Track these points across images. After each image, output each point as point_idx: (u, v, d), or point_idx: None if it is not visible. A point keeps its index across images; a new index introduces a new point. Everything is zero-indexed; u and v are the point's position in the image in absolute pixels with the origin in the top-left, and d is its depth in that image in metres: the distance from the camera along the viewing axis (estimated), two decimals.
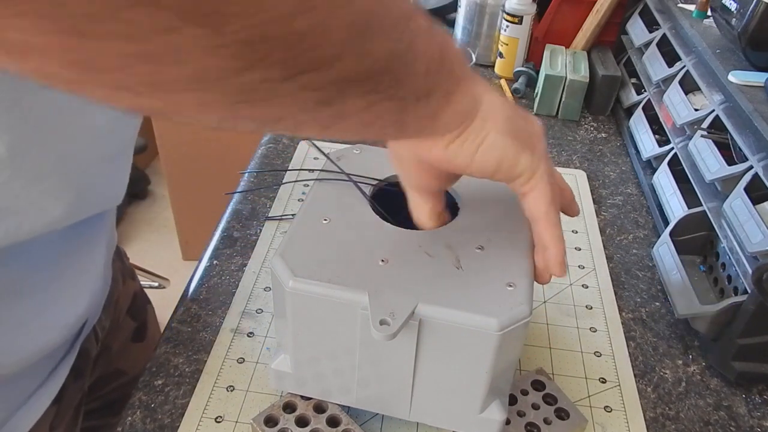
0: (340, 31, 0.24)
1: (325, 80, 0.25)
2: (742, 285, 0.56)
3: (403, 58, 0.29)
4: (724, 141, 0.65)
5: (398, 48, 0.29)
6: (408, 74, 0.31)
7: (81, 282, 0.52)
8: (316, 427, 0.47)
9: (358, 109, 0.29)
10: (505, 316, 0.40)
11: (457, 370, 0.42)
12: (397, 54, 0.29)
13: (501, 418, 0.45)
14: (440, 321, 0.40)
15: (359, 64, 0.26)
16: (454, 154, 0.39)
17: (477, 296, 0.41)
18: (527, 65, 1.03)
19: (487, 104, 0.39)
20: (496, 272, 0.43)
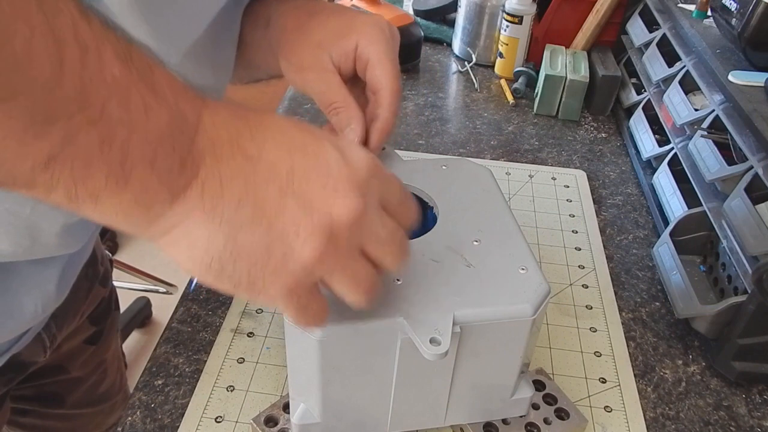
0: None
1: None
2: (742, 285, 0.56)
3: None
4: (724, 141, 0.65)
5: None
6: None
7: (25, 297, 0.49)
8: None
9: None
10: (534, 298, 0.41)
11: (492, 364, 0.43)
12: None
13: (530, 393, 0.47)
14: (478, 322, 0.40)
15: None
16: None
17: (501, 288, 0.41)
18: (527, 65, 1.03)
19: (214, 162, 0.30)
20: (504, 260, 0.43)
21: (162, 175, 0.28)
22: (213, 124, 0.30)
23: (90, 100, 0.25)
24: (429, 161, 0.54)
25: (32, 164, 0.25)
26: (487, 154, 0.87)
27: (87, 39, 0.25)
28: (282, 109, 0.94)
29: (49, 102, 0.24)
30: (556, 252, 0.69)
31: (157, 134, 0.27)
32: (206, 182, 0.29)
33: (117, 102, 0.26)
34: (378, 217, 0.33)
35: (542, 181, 0.80)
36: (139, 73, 0.27)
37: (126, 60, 0.26)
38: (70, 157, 0.25)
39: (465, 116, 0.96)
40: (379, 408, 0.45)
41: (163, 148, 0.28)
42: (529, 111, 0.98)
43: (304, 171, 0.31)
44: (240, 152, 0.30)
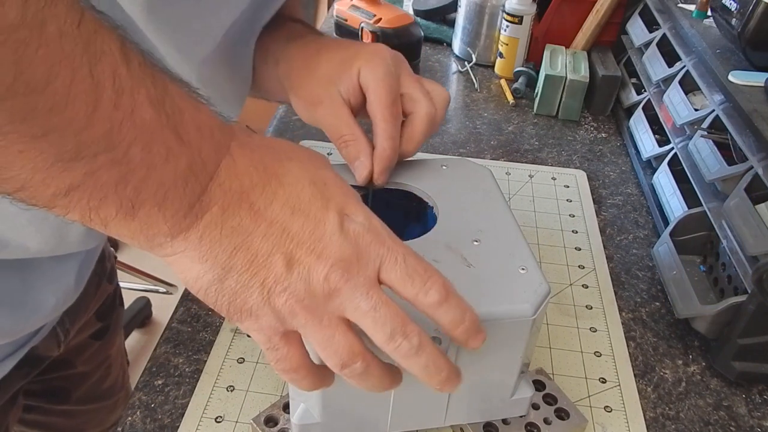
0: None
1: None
2: (742, 285, 0.56)
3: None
4: (724, 141, 0.65)
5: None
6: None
7: (47, 291, 0.51)
8: None
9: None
10: (534, 298, 0.41)
11: (492, 364, 0.43)
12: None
13: (530, 393, 0.47)
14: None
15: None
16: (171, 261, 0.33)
17: (501, 288, 0.41)
18: (527, 65, 1.03)
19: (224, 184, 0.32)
20: (503, 259, 0.43)
21: (167, 215, 0.30)
22: (229, 174, 0.32)
23: (116, 142, 0.27)
24: (429, 161, 0.54)
25: (54, 192, 0.27)
26: (487, 154, 0.87)
27: (124, 83, 0.27)
28: (282, 112, 0.94)
29: (78, 141, 0.26)
30: (556, 252, 0.69)
31: (172, 178, 0.30)
32: (207, 229, 0.32)
33: (141, 145, 0.28)
34: (363, 290, 0.33)
35: (542, 181, 0.80)
36: (168, 118, 0.29)
37: (158, 104, 0.28)
38: (88, 189, 0.28)
39: (465, 116, 0.96)
40: (379, 408, 0.45)
41: (174, 192, 0.30)
42: (529, 111, 0.98)
43: (299, 232, 0.33)
44: (247, 204, 0.33)
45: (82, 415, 0.76)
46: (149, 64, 0.29)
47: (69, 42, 0.25)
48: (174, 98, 0.30)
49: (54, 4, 0.24)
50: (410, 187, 0.50)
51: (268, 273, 0.33)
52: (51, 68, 0.24)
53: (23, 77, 0.24)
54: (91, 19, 0.26)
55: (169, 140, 0.29)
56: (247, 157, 0.33)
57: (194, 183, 0.31)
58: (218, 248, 0.32)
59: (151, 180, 0.29)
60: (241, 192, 0.32)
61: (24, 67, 0.24)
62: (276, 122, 0.91)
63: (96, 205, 0.28)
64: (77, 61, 0.25)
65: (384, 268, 0.34)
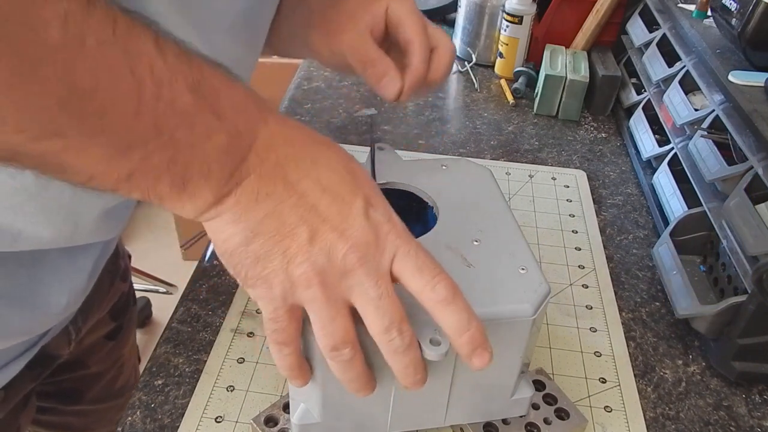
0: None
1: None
2: (742, 285, 0.56)
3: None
4: (724, 141, 0.65)
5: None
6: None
7: (60, 288, 0.51)
8: None
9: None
10: (534, 298, 0.41)
11: (492, 364, 0.43)
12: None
13: (530, 393, 0.47)
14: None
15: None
16: (210, 229, 0.36)
17: (501, 288, 0.41)
18: (527, 65, 1.03)
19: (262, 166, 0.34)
20: (504, 260, 0.43)
21: (212, 184, 0.33)
22: (266, 146, 0.34)
23: (162, 129, 0.30)
24: (429, 161, 0.54)
25: (117, 178, 0.31)
26: (487, 154, 0.87)
27: (162, 75, 0.30)
28: (282, 109, 0.94)
29: (129, 134, 0.29)
30: (556, 252, 0.69)
31: (216, 153, 0.32)
32: (244, 193, 0.34)
33: (185, 129, 0.31)
34: (374, 277, 0.35)
35: (542, 181, 0.80)
36: (206, 100, 0.32)
37: (195, 89, 0.31)
38: (145, 172, 0.31)
39: (465, 116, 0.96)
40: (379, 408, 0.44)
41: (218, 164, 0.33)
42: (529, 111, 0.98)
43: (326, 210, 0.35)
44: (281, 176, 0.35)
45: (95, 414, 0.77)
46: (184, 52, 0.31)
47: (108, 49, 0.28)
48: (210, 80, 0.32)
49: (90, 18, 0.27)
50: (410, 187, 0.50)
51: (291, 242, 0.34)
52: (96, 76, 0.27)
53: (75, 88, 0.27)
54: (125, 23, 0.28)
55: (208, 120, 0.32)
56: (283, 133, 0.36)
57: (234, 153, 0.33)
58: (251, 212, 0.34)
59: (196, 157, 0.32)
60: (276, 163, 0.34)
61: (72, 80, 0.27)
62: None
63: (153, 184, 0.32)
64: (118, 64, 0.28)
65: (397, 259, 0.36)
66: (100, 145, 0.29)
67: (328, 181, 0.36)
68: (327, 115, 0.93)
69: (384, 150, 0.54)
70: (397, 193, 0.51)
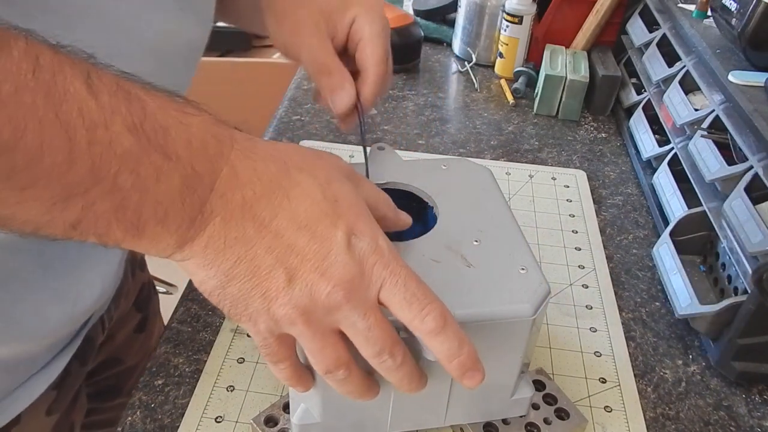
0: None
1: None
2: (742, 285, 0.56)
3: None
4: (724, 141, 0.65)
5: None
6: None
7: (96, 275, 0.52)
8: None
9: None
10: (534, 298, 0.41)
11: (492, 364, 0.43)
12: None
13: (530, 393, 0.47)
14: (478, 322, 0.40)
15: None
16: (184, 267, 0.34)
17: (501, 288, 0.41)
18: (527, 65, 1.03)
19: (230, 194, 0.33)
20: (504, 260, 0.43)
21: (171, 229, 0.31)
22: (230, 185, 0.32)
23: (101, 174, 0.28)
24: (429, 161, 0.54)
25: (63, 227, 0.29)
26: (487, 154, 0.87)
27: (95, 117, 0.27)
28: (282, 109, 0.94)
29: (65, 183, 0.27)
30: (556, 252, 0.69)
31: (169, 197, 0.30)
32: (211, 239, 0.32)
33: (128, 172, 0.29)
34: (362, 310, 0.34)
35: (542, 181, 0.80)
36: (150, 141, 0.29)
37: (136, 129, 0.29)
38: (92, 220, 0.29)
39: (465, 116, 0.96)
40: (379, 408, 0.44)
41: (173, 208, 0.31)
42: (529, 111, 0.98)
43: (304, 249, 0.33)
44: (251, 216, 0.33)
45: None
46: (122, 89, 0.29)
47: (28, 94, 0.25)
48: (155, 118, 0.30)
49: (3, 61, 0.25)
50: (410, 187, 0.50)
51: (269, 284, 0.33)
52: (17, 125, 0.25)
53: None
54: (48, 62, 0.26)
55: (155, 161, 0.29)
56: (249, 167, 0.33)
57: (192, 197, 0.31)
58: (221, 257, 0.33)
59: (147, 201, 0.30)
60: (243, 203, 0.33)
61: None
62: (276, 122, 0.91)
63: (105, 231, 0.30)
64: (41, 110, 0.26)
65: (384, 290, 0.35)
66: (35, 198, 0.27)
67: (305, 216, 0.34)
68: (327, 115, 0.93)
69: (384, 150, 0.53)
70: (397, 193, 0.51)
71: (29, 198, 0.27)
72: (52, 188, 0.27)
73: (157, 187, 0.30)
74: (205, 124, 0.32)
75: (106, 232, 0.30)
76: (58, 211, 0.28)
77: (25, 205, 0.27)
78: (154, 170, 0.29)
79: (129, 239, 0.31)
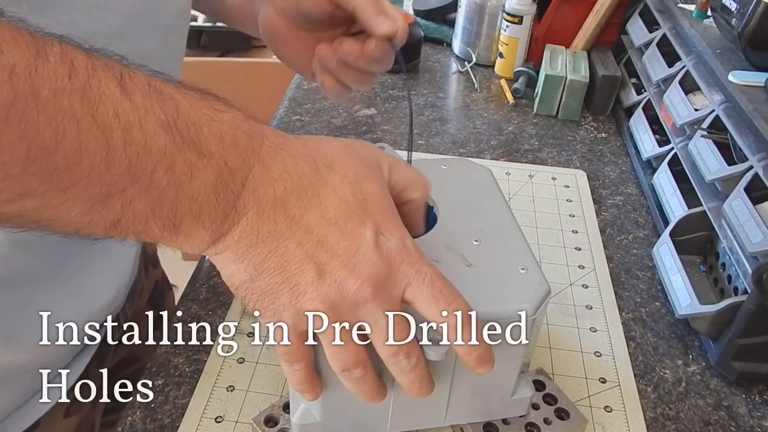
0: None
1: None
2: (742, 285, 0.56)
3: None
4: (724, 141, 0.65)
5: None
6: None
7: (111, 272, 0.52)
8: None
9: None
10: (534, 298, 0.41)
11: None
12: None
13: (530, 393, 0.47)
14: (479, 321, 0.40)
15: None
16: (218, 262, 0.35)
17: (501, 288, 0.41)
18: (527, 65, 1.03)
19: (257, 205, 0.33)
20: (504, 260, 0.43)
21: (206, 224, 0.32)
22: (262, 181, 0.33)
23: (138, 173, 0.29)
24: (429, 161, 0.54)
25: (104, 227, 0.30)
26: (487, 154, 0.87)
27: (130, 117, 0.28)
28: (282, 109, 0.94)
29: (104, 182, 0.28)
30: (556, 252, 0.69)
31: (204, 193, 0.31)
32: (244, 233, 0.33)
33: (163, 169, 0.29)
34: (386, 307, 0.35)
35: (542, 181, 0.80)
36: (184, 138, 0.30)
37: (170, 127, 0.30)
38: (130, 219, 0.30)
39: (465, 116, 0.96)
40: (380, 408, 0.44)
41: (208, 204, 0.31)
42: (529, 111, 0.98)
43: (334, 245, 0.34)
44: (282, 211, 0.33)
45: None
46: (154, 89, 0.30)
47: (65, 98, 0.26)
48: (188, 115, 0.31)
49: (41, 67, 0.26)
50: None
51: (299, 279, 0.34)
52: (56, 128, 0.26)
53: (35, 145, 0.26)
54: (82, 66, 0.27)
55: (189, 158, 0.30)
56: (280, 164, 0.34)
57: (226, 192, 0.32)
58: (253, 251, 0.33)
59: (182, 198, 0.31)
60: (275, 198, 0.33)
61: (32, 136, 0.26)
62: (276, 122, 0.91)
63: (143, 228, 0.31)
64: (78, 112, 0.27)
65: (410, 288, 0.36)
66: (75, 198, 0.28)
67: (334, 213, 0.34)
68: (327, 115, 0.93)
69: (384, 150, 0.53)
70: None
71: (71, 198, 0.28)
72: (91, 188, 0.28)
73: (191, 184, 0.31)
74: (235, 120, 0.33)
75: (144, 230, 0.31)
76: (98, 210, 0.29)
77: (67, 206, 0.28)
78: (189, 167, 0.30)
79: (166, 236, 0.32)
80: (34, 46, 0.26)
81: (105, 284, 0.52)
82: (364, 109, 0.95)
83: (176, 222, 0.31)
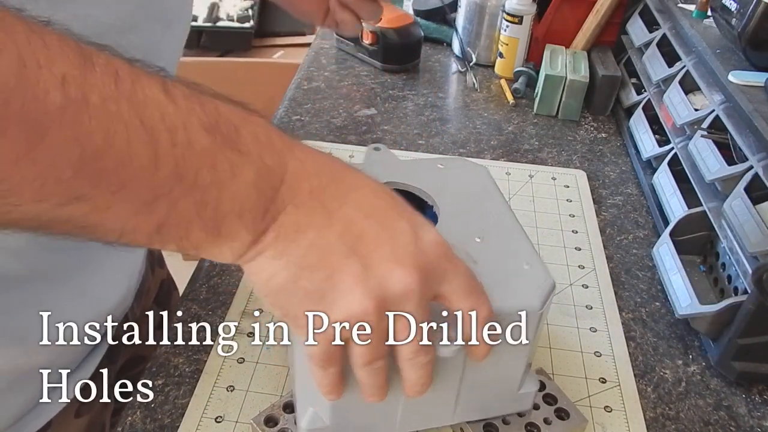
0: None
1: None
2: (742, 285, 0.56)
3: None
4: (724, 141, 0.65)
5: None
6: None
7: (121, 273, 0.52)
8: None
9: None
10: (541, 292, 0.41)
11: (501, 357, 0.43)
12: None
13: (536, 387, 0.47)
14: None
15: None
16: (249, 271, 0.35)
17: (507, 283, 0.42)
18: (527, 65, 1.03)
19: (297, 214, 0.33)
20: (508, 256, 0.44)
21: (247, 223, 0.32)
22: (298, 176, 0.34)
23: (183, 173, 0.30)
24: (425, 161, 0.54)
25: (148, 231, 0.30)
26: (487, 154, 0.87)
27: (174, 120, 0.29)
28: (282, 109, 0.94)
29: (151, 184, 0.29)
30: (556, 252, 0.69)
31: (245, 190, 0.32)
32: (283, 227, 0.33)
33: (207, 169, 0.30)
34: (423, 303, 0.35)
35: (542, 181, 0.80)
36: (225, 138, 0.31)
37: (212, 128, 0.30)
38: (174, 221, 0.31)
39: (465, 116, 0.96)
40: (389, 409, 0.44)
41: (249, 201, 0.32)
42: (529, 111, 0.98)
43: (374, 238, 0.34)
44: (320, 204, 0.34)
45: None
46: (195, 93, 0.31)
47: (113, 103, 0.27)
48: (227, 117, 0.32)
49: (89, 75, 0.27)
50: (409, 187, 0.50)
51: (344, 275, 0.33)
52: (106, 132, 0.27)
53: (87, 147, 0.27)
54: (126, 74, 0.28)
55: (230, 157, 0.31)
56: (313, 162, 0.35)
57: (265, 188, 0.32)
58: (294, 245, 0.33)
59: (225, 196, 0.31)
60: (311, 191, 0.34)
61: (84, 140, 0.27)
62: (276, 122, 0.91)
63: (185, 233, 0.31)
64: (126, 116, 0.28)
65: (447, 281, 0.36)
66: (124, 201, 0.29)
67: (371, 207, 0.35)
68: (327, 115, 0.93)
69: (380, 150, 0.54)
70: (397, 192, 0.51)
71: (119, 200, 0.29)
72: (139, 190, 0.29)
73: (233, 182, 0.31)
74: (265, 123, 0.34)
75: (187, 234, 0.31)
76: (144, 214, 0.30)
77: (115, 209, 0.29)
78: (230, 165, 0.31)
79: (208, 240, 0.32)
80: (80, 55, 0.27)
81: (115, 284, 0.52)
82: (364, 109, 0.95)
83: (218, 222, 0.31)
